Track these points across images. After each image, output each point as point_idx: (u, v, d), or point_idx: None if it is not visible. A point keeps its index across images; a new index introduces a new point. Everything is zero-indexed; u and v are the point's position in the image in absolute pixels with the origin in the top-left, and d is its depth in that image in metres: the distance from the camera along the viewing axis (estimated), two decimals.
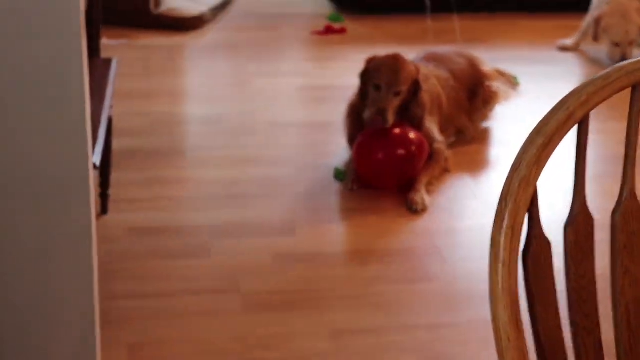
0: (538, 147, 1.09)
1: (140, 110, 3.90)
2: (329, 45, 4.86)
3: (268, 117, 3.91)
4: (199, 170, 3.45)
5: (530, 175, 1.08)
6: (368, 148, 3.31)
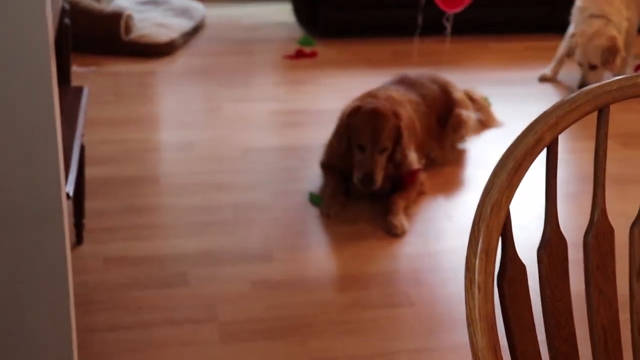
0: (509, 171, 1.10)
1: (112, 137, 3.88)
2: (300, 69, 4.87)
3: (241, 142, 3.91)
4: (173, 198, 3.43)
5: (502, 200, 1.08)
6: None
